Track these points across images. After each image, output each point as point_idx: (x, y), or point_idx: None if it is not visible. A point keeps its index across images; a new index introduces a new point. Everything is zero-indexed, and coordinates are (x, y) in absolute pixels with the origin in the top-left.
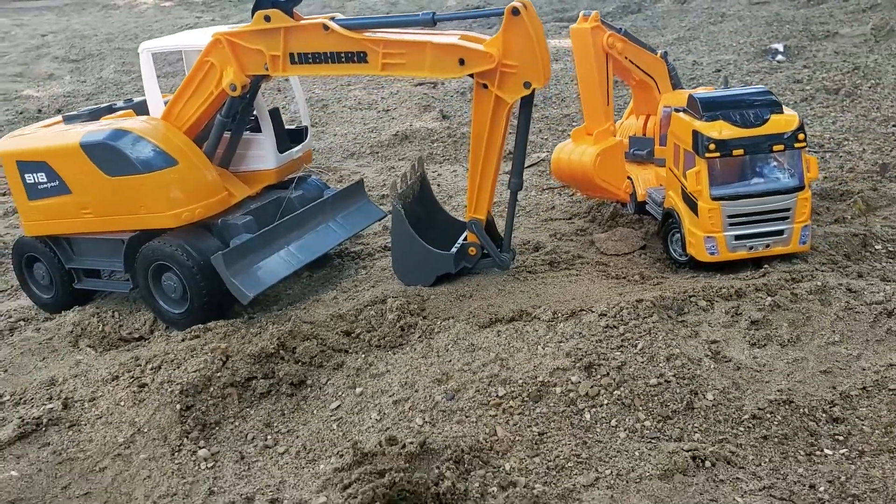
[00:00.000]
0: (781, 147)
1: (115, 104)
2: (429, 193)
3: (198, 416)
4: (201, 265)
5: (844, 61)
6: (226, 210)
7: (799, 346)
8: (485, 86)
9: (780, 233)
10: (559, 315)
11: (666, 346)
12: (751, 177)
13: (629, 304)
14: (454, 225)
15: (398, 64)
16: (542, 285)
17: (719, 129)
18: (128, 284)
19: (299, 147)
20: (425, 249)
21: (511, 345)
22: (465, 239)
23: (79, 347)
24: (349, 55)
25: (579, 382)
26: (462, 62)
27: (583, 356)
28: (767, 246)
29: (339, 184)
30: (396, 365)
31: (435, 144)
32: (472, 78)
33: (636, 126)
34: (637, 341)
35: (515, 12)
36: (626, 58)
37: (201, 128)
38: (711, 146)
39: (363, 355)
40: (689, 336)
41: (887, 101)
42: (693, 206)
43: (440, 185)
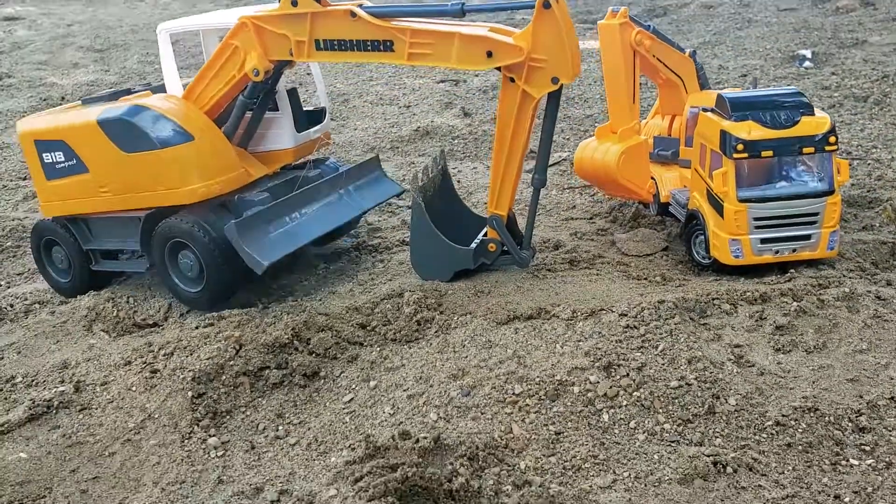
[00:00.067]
0: (812, 150)
1: (134, 88)
2: (450, 187)
3: (209, 403)
4: (218, 242)
5: (873, 69)
6: (243, 188)
7: (825, 353)
8: (512, 80)
9: (808, 237)
10: (578, 314)
11: (688, 349)
12: (779, 179)
13: (650, 305)
14: (475, 220)
15: (425, 54)
16: (561, 284)
17: (748, 130)
18: (144, 264)
19: (317, 127)
20: (444, 244)
21: (529, 342)
22: (485, 235)
23: (93, 332)
24: (375, 43)
25: (598, 382)
26: (490, 55)
27: (602, 356)
28: (794, 250)
29: None
30: (412, 359)
31: (456, 141)
32: (498, 71)
33: (661, 126)
34: (658, 342)
35: (546, 5)
36: (654, 56)
37: (222, 109)
38: (739, 147)
39: (378, 348)
40: (711, 339)
41: None
42: (719, 207)
43: (460, 182)
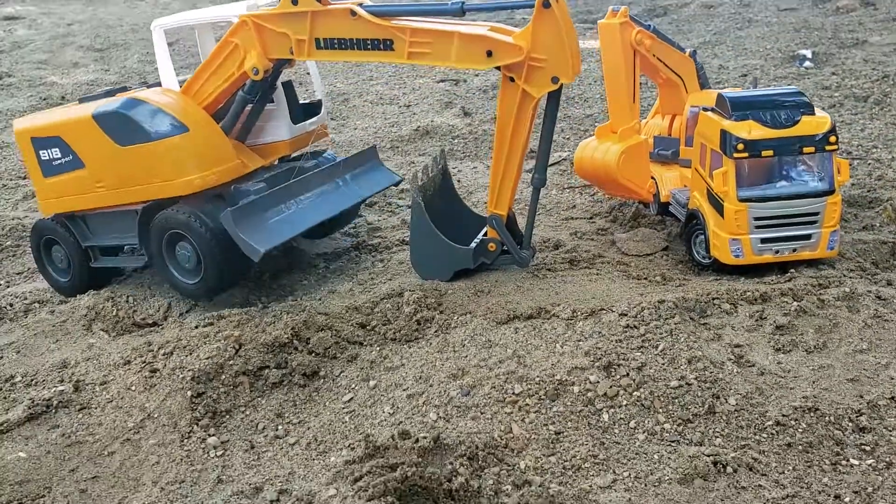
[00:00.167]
0: (812, 149)
1: (130, 86)
2: (450, 187)
3: (208, 403)
4: (215, 232)
5: (873, 69)
6: (240, 179)
7: (825, 353)
8: (512, 79)
9: (808, 237)
10: (578, 314)
11: (688, 349)
12: (779, 179)
13: (650, 305)
14: (475, 220)
15: (425, 53)
16: (561, 283)
17: (748, 129)
18: (143, 258)
19: (314, 119)
20: (444, 244)
21: (529, 342)
22: (485, 234)
23: (92, 331)
24: (375, 42)
25: (598, 382)
26: (490, 54)
27: (602, 356)
28: (794, 250)
29: None
30: (411, 359)
31: (456, 141)
32: (498, 71)
33: (661, 126)
34: (658, 342)
35: (546, 5)
36: (654, 55)
37: (220, 104)
38: (740, 146)
39: (378, 348)
40: (711, 339)
41: None
42: (719, 207)
43: (460, 182)
